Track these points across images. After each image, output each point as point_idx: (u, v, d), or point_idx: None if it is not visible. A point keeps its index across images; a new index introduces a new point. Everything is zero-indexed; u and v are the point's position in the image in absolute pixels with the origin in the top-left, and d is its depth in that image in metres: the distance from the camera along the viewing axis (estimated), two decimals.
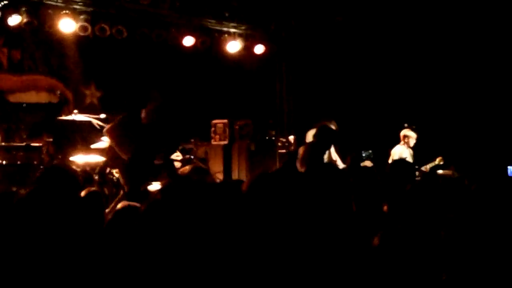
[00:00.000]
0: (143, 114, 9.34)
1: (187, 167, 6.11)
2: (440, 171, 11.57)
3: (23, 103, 12.57)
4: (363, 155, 11.74)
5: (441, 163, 11.78)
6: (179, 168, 10.47)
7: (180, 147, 11.74)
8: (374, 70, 13.63)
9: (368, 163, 11.65)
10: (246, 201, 3.22)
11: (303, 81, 14.60)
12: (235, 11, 13.73)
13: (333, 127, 11.81)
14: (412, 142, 11.77)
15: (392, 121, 12.45)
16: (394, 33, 13.19)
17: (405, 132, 11.76)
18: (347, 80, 13.98)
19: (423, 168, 11.72)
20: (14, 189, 9.25)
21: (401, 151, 11.66)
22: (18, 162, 9.78)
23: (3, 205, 3.71)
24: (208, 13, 13.42)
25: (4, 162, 9.78)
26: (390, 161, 11.48)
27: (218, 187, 3.64)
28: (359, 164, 10.22)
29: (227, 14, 13.60)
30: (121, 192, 9.80)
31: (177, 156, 11.44)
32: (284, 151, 12.50)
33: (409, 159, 11.31)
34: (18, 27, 11.64)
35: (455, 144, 12.25)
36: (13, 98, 12.76)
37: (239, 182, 3.85)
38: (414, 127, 11.79)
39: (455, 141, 12.38)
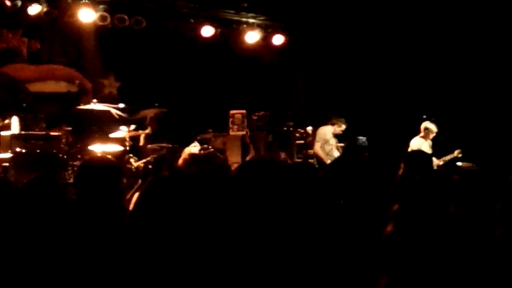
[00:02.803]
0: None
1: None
2: (459, 163, 11.51)
3: (42, 92, 12.64)
4: (359, 142, 11.77)
5: (460, 155, 11.72)
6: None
7: (197, 138, 11.76)
8: (393, 61, 13.55)
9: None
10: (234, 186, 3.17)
11: (321, 72, 14.55)
12: (254, 1, 13.73)
13: (343, 126, 11.85)
14: (432, 135, 11.73)
15: (410, 113, 12.40)
16: (413, 24, 13.10)
17: (426, 124, 11.71)
18: (365, 72, 13.91)
19: (441, 161, 11.67)
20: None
21: (420, 143, 11.62)
22: (37, 151, 9.82)
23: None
24: (227, 3, 13.43)
25: (23, 151, 9.83)
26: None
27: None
28: (354, 151, 10.23)
29: (245, 5, 13.60)
30: (139, 181, 9.85)
31: (194, 146, 11.46)
32: (301, 142, 12.48)
33: (428, 151, 11.25)
34: (38, 17, 11.71)
35: (474, 137, 12.16)
36: (32, 87, 12.81)
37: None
38: (433, 119, 11.73)
39: (474, 133, 12.29)
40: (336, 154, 11.82)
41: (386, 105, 13.57)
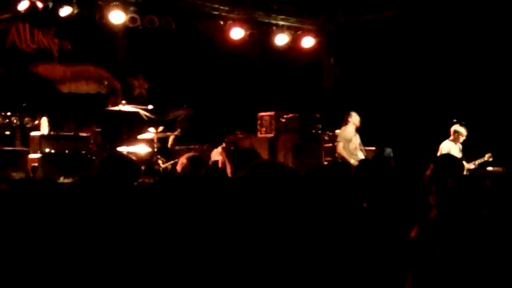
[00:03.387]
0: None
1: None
2: (489, 168, 11.39)
3: (73, 93, 12.76)
4: (386, 153, 11.72)
5: (490, 159, 11.58)
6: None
7: (225, 139, 11.77)
8: (423, 65, 13.44)
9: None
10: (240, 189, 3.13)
11: (350, 74, 14.49)
12: (284, 3, 13.71)
13: (357, 116, 11.79)
14: (461, 138, 11.63)
15: (441, 116, 12.29)
16: (443, 28, 12.99)
17: (456, 127, 11.62)
18: (396, 73, 13.81)
19: (471, 164, 11.55)
20: (62, 177, 9.41)
21: (450, 147, 11.52)
22: (66, 151, 9.90)
23: (49, 190, 3.72)
24: (257, 5, 13.43)
25: (52, 151, 9.91)
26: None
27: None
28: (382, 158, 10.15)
29: (275, 7, 13.59)
30: None
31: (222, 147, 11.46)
32: (330, 145, 12.41)
33: (458, 154, 11.15)
34: (69, 18, 11.80)
35: (505, 141, 12.02)
36: (63, 88, 12.95)
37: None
38: (463, 123, 11.62)
39: (505, 137, 12.14)
40: (360, 154, 11.75)
41: (417, 107, 13.46)
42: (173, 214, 2.93)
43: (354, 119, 11.93)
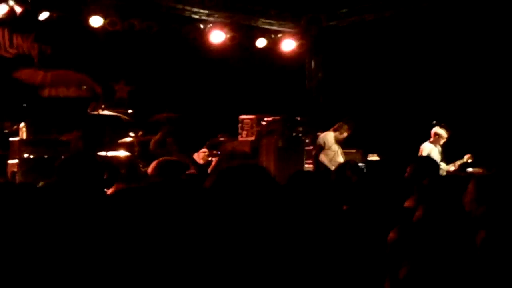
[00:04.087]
0: None
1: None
2: (469, 169, 11.45)
3: (53, 97, 12.66)
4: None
5: (470, 161, 11.65)
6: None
7: (207, 143, 11.76)
8: (405, 66, 13.50)
9: (374, 157, 11.61)
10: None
11: (332, 77, 14.52)
12: (265, 6, 13.71)
13: (345, 133, 11.77)
14: (442, 140, 11.69)
15: (421, 118, 12.34)
16: (425, 30, 13.05)
17: (436, 130, 11.67)
18: (377, 76, 13.86)
19: (451, 166, 11.61)
20: (42, 182, 9.31)
21: (431, 148, 11.58)
22: (46, 156, 9.83)
23: (24, 195, 3.68)
24: (237, 8, 13.42)
25: (31, 156, 9.84)
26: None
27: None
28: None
29: (256, 10, 13.59)
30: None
31: (203, 152, 11.46)
32: (311, 147, 12.42)
33: (438, 156, 11.20)
34: (49, 22, 11.74)
35: (485, 142, 12.09)
36: (44, 92, 12.83)
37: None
38: (443, 124, 11.67)
39: (485, 138, 12.22)
40: (340, 159, 11.75)
41: (398, 110, 13.52)
42: (133, 223, 2.90)
43: (341, 133, 11.82)
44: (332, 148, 11.67)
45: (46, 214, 3.14)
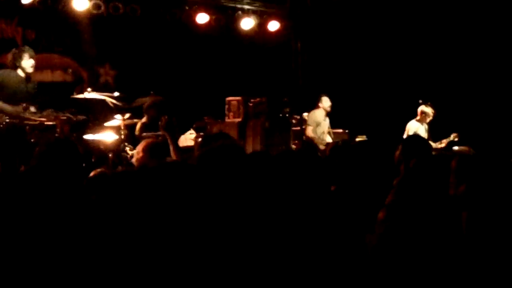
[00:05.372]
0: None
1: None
2: (455, 148, 11.52)
3: (38, 82, 12.58)
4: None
5: (456, 139, 11.73)
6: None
7: (194, 126, 11.73)
8: (390, 46, 13.52)
9: (362, 137, 11.68)
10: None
11: (318, 57, 14.51)
12: None
13: (328, 102, 11.83)
14: (428, 118, 11.76)
15: (407, 96, 12.39)
16: (410, 7, 13.06)
17: (423, 108, 11.76)
18: (362, 57, 13.88)
19: (438, 144, 11.68)
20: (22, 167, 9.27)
21: (417, 127, 11.65)
22: (32, 141, 9.74)
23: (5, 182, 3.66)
24: None
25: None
26: (405, 135, 11.47)
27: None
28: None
29: None
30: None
31: (190, 133, 11.43)
32: (298, 128, 12.44)
33: (424, 134, 11.29)
34: (32, 5, 11.65)
35: (470, 121, 12.15)
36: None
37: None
38: (429, 103, 11.73)
39: (471, 117, 12.28)
40: (328, 138, 11.80)
41: (384, 88, 13.56)
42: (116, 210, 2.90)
43: (325, 104, 11.99)
44: (321, 125, 11.74)
45: (26, 201, 3.12)
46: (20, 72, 9.64)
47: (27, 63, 9.65)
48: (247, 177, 3.46)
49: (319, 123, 11.88)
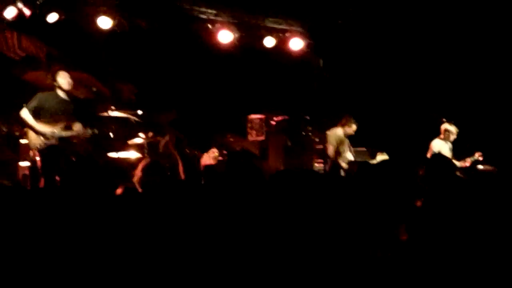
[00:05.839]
0: None
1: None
2: (480, 167, 11.42)
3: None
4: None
5: (480, 158, 11.62)
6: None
7: (216, 143, 11.74)
8: (412, 64, 13.48)
9: (384, 156, 11.58)
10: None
11: (340, 75, 14.49)
12: (272, 5, 13.69)
13: (354, 126, 11.75)
14: (452, 136, 11.68)
15: (431, 114, 12.32)
16: (433, 26, 13.02)
17: (446, 126, 11.69)
18: (386, 73, 13.84)
19: (462, 163, 11.59)
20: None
21: (441, 145, 11.58)
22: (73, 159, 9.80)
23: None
24: (245, 8, 13.41)
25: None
26: (428, 154, 11.40)
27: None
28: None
29: (263, 9, 13.57)
30: None
31: (213, 151, 11.44)
32: (321, 146, 12.41)
33: (448, 153, 11.21)
34: (56, 23, 11.75)
35: (494, 140, 12.06)
36: None
37: None
38: (452, 121, 11.67)
39: (494, 136, 12.19)
40: (349, 156, 11.74)
41: (408, 107, 13.51)
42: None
43: (350, 127, 11.81)
44: (343, 144, 11.66)
45: (50, 218, 3.15)
46: (59, 92, 9.84)
47: (63, 81, 9.85)
48: (268, 196, 3.46)
49: (340, 142, 11.80)
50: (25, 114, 9.64)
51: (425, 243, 3.23)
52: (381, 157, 11.84)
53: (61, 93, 9.82)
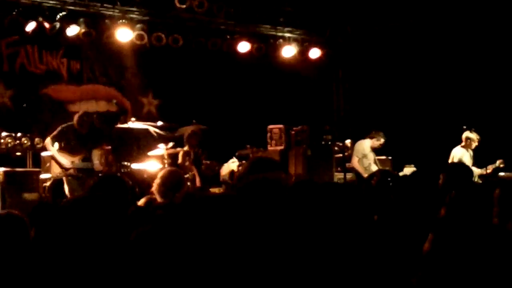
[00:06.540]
0: None
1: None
2: (501, 174, 11.35)
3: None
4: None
5: (502, 165, 11.54)
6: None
7: (236, 154, 11.76)
8: (433, 73, 13.42)
9: (411, 168, 11.52)
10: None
11: (360, 85, 14.47)
12: (290, 16, 13.74)
13: (382, 140, 11.69)
14: (474, 144, 11.62)
15: (452, 123, 12.26)
16: (450, 37, 12.98)
17: (468, 134, 11.62)
18: (405, 83, 13.79)
19: (484, 170, 11.51)
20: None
21: (462, 153, 11.51)
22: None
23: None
24: (263, 19, 13.46)
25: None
26: (450, 161, 11.34)
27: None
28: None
29: (281, 20, 13.62)
30: None
31: (233, 162, 11.46)
32: (340, 155, 12.39)
33: (469, 161, 11.13)
34: (77, 38, 11.86)
35: None
36: (73, 108, 12.96)
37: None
38: (474, 129, 11.60)
39: None
40: (375, 168, 11.66)
41: (428, 115, 13.44)
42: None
43: (379, 141, 11.74)
44: (368, 156, 11.59)
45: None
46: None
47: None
48: (289, 207, 3.46)
49: (365, 154, 11.71)
50: (48, 144, 10.01)
51: (451, 257, 3.18)
52: (408, 169, 11.75)
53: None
